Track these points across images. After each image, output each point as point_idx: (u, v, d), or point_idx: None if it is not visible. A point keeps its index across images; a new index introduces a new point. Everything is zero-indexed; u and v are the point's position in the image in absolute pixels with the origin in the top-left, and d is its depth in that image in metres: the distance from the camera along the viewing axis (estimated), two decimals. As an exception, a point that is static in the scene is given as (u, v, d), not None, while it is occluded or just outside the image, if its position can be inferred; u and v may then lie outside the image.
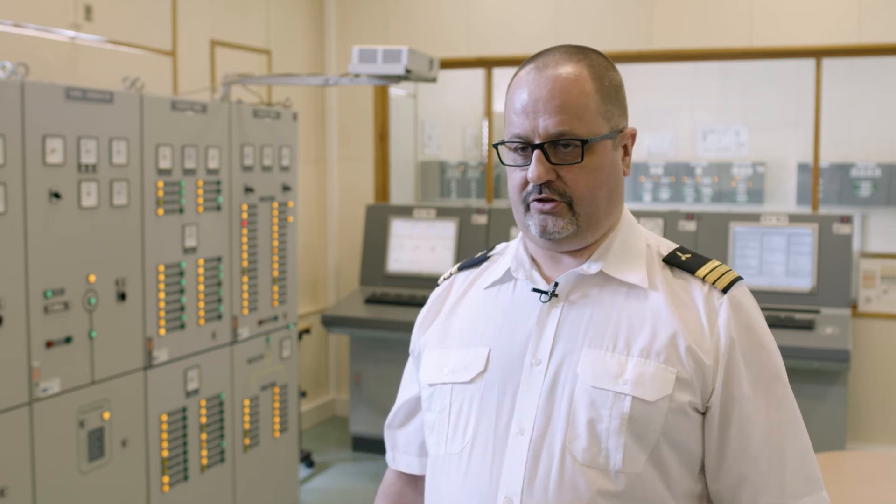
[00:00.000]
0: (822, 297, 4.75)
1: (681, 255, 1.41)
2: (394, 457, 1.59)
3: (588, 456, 1.29)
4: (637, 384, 1.30)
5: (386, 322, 5.12)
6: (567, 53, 1.36)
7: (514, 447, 1.33)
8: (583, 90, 1.33)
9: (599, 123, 1.34)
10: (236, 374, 4.03)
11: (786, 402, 1.36)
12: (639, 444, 1.29)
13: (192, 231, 3.73)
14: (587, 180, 1.34)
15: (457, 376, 1.41)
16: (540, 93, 1.33)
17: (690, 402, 1.31)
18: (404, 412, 1.57)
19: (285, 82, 4.53)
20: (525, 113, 1.33)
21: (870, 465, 3.05)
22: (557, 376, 1.33)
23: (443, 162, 7.12)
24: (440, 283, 1.57)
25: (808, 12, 5.20)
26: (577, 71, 1.34)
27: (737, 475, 1.33)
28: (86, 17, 4.13)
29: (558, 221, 1.34)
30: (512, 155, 1.37)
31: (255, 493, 4.19)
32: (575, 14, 5.59)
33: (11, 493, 2.96)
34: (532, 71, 1.36)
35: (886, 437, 5.12)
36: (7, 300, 2.93)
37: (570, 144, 1.32)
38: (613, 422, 1.29)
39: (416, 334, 1.56)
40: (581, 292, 1.38)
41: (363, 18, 6.02)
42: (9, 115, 2.93)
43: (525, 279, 1.41)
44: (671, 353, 1.31)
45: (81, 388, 3.21)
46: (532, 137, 1.33)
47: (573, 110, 1.32)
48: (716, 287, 1.36)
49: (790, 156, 6.62)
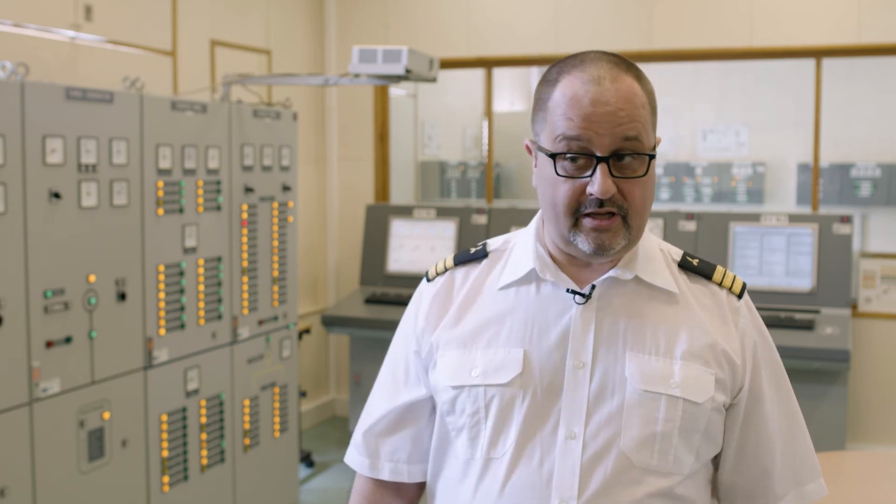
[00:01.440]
0: (822, 297, 4.75)
1: (692, 260, 1.44)
2: (373, 464, 1.52)
3: (643, 458, 1.32)
4: (686, 387, 1.34)
5: (386, 322, 5.12)
6: (615, 64, 1.33)
7: (564, 451, 1.32)
8: (642, 103, 1.32)
9: (652, 136, 1.35)
10: (236, 374, 4.03)
11: (790, 394, 1.46)
12: (687, 445, 1.34)
13: (192, 231, 3.73)
14: (643, 193, 1.33)
15: (490, 378, 1.37)
16: (605, 105, 1.29)
17: (724, 401, 1.38)
18: (393, 419, 1.50)
19: (285, 82, 4.53)
20: (587, 121, 1.29)
21: (870, 465, 3.05)
22: (605, 380, 1.34)
23: (443, 162, 7.12)
24: (433, 279, 1.50)
25: (808, 12, 5.20)
26: (632, 83, 1.32)
27: (758, 468, 1.41)
28: (86, 17, 4.13)
29: (615, 237, 1.32)
30: (562, 164, 1.32)
31: (255, 493, 4.19)
32: (575, 14, 5.59)
33: (11, 493, 2.96)
34: (588, 82, 1.31)
35: (886, 437, 5.12)
36: (7, 300, 2.93)
37: (627, 156, 1.30)
38: (668, 424, 1.33)
39: (420, 333, 1.47)
40: (614, 296, 1.38)
41: (363, 18, 6.02)
42: (9, 115, 2.93)
43: (552, 280, 1.39)
44: (708, 355, 1.36)
45: (81, 388, 3.21)
46: (593, 148, 1.29)
47: (639, 123, 1.31)
48: (732, 292, 1.42)
49: (790, 156, 6.61)
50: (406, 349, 1.50)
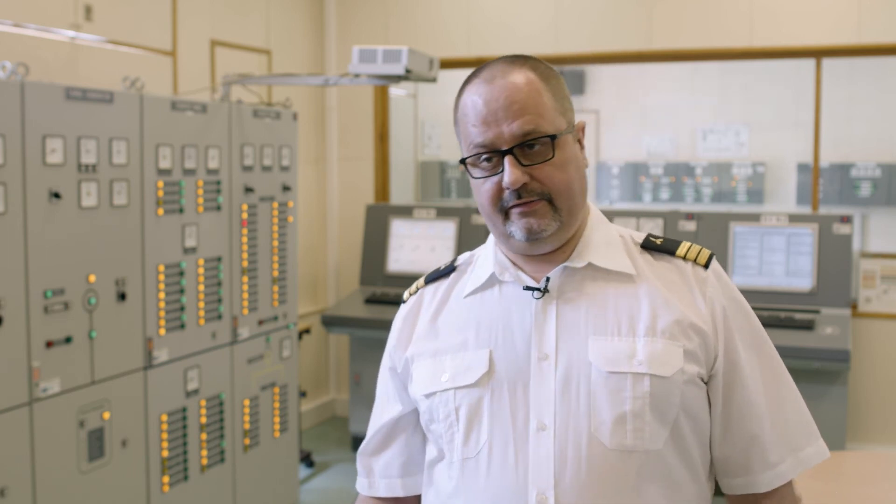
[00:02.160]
0: (822, 297, 4.75)
1: (655, 240, 1.46)
2: (370, 483, 1.56)
3: (616, 440, 1.32)
4: (651, 362, 1.34)
5: (386, 322, 5.11)
6: (509, 62, 1.41)
7: (537, 443, 1.33)
8: (537, 90, 1.37)
9: (558, 119, 1.38)
10: (236, 374, 4.03)
11: (775, 360, 1.45)
12: (661, 422, 1.34)
13: (192, 231, 3.73)
14: (561, 175, 1.37)
15: (458, 381, 1.41)
16: (497, 102, 1.36)
17: (698, 372, 1.37)
18: (381, 437, 1.55)
19: (285, 82, 4.53)
20: (485, 123, 1.36)
21: (870, 465, 3.05)
22: (569, 368, 1.35)
23: (443, 162, 7.12)
24: (406, 300, 1.58)
25: (808, 12, 5.20)
26: (526, 75, 1.38)
27: (746, 436, 1.40)
28: (86, 17, 4.13)
29: (542, 220, 1.36)
30: (478, 168, 1.39)
31: (255, 493, 4.19)
32: (575, 14, 5.59)
33: (11, 493, 2.96)
34: (481, 84, 1.39)
35: (886, 437, 5.12)
36: (7, 300, 2.93)
37: (536, 144, 1.35)
38: (636, 402, 1.33)
39: (393, 352, 1.53)
40: (572, 287, 1.40)
41: (363, 18, 6.02)
42: (9, 115, 2.93)
43: (513, 281, 1.43)
44: (674, 328, 1.36)
45: (81, 388, 3.21)
46: (498, 145, 1.35)
47: (534, 110, 1.35)
48: (697, 263, 1.43)
49: (790, 156, 6.62)
50: (385, 368, 1.56)
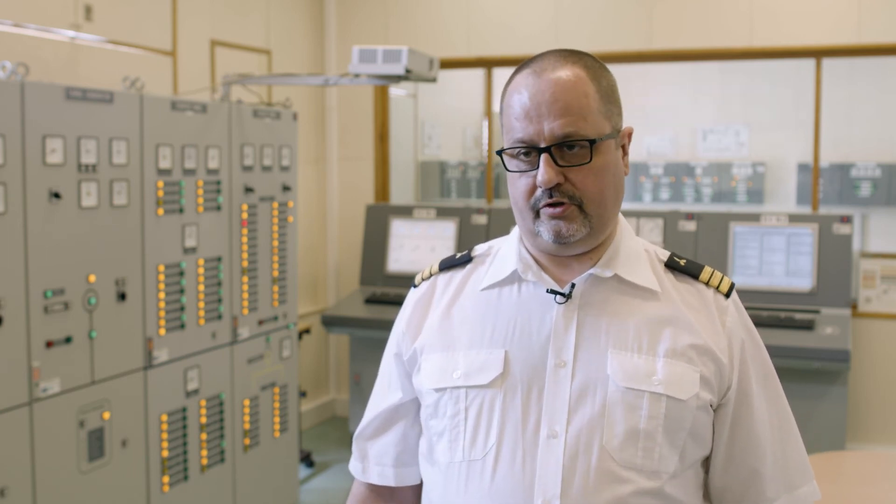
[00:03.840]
0: (822, 297, 4.75)
1: (679, 260, 1.44)
2: (364, 468, 1.55)
3: (626, 456, 1.31)
4: (669, 384, 1.33)
5: (386, 322, 5.12)
6: (562, 57, 1.36)
7: (546, 450, 1.32)
8: (584, 91, 1.33)
9: (602, 123, 1.34)
10: (236, 374, 4.03)
11: (782, 398, 1.45)
12: (671, 443, 1.33)
13: (192, 231, 3.73)
14: (596, 181, 1.34)
15: (471, 379, 1.38)
16: (542, 96, 1.32)
17: (710, 399, 1.37)
18: (379, 422, 1.53)
19: (285, 82, 4.53)
20: (528, 117, 1.32)
21: (870, 465, 3.05)
22: (587, 378, 1.33)
23: (443, 162, 7.12)
24: (418, 284, 1.53)
25: (808, 12, 5.20)
26: (576, 73, 1.34)
27: (748, 469, 1.40)
28: (86, 17, 4.13)
29: (571, 225, 1.33)
30: (515, 161, 1.36)
31: (255, 493, 4.19)
32: (575, 14, 5.59)
33: (11, 493, 2.96)
34: (530, 76, 1.35)
35: (886, 437, 5.12)
36: (7, 300, 2.93)
37: (576, 146, 1.32)
38: (651, 422, 1.32)
39: (401, 338, 1.50)
40: (596, 296, 1.38)
41: (363, 18, 6.02)
42: (9, 115, 2.93)
43: (535, 281, 1.40)
44: (692, 353, 1.35)
45: (81, 388, 3.21)
46: (537, 141, 1.32)
47: (578, 111, 1.32)
48: (719, 291, 1.42)
49: (790, 156, 6.62)
50: (389, 353, 1.53)
